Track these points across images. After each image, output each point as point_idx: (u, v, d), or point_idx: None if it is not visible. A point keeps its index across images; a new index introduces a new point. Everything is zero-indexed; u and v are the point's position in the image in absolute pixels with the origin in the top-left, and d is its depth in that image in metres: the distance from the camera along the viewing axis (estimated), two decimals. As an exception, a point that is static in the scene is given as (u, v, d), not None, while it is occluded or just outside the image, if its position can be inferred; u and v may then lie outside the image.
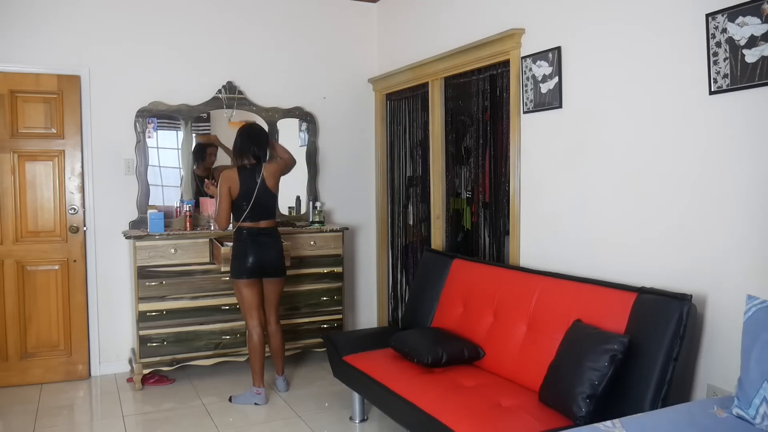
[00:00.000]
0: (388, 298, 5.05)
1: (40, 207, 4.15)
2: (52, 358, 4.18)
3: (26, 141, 4.11)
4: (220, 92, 4.56)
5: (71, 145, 4.19)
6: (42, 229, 4.16)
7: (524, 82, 3.39)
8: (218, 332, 4.17)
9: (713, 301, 2.46)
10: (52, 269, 4.18)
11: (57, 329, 4.19)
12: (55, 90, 4.14)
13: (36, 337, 4.15)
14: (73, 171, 4.21)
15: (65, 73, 4.15)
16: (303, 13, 4.84)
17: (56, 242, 4.18)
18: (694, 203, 2.53)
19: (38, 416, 3.60)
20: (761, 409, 1.87)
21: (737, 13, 2.29)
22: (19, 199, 4.10)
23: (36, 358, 4.15)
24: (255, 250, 3.65)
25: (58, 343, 4.19)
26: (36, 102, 4.11)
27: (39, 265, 4.15)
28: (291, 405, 3.72)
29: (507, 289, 3.13)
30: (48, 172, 4.16)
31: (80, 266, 4.22)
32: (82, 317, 4.23)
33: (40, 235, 4.16)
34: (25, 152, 4.11)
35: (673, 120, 2.60)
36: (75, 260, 4.20)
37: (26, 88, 4.09)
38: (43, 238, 4.16)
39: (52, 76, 4.12)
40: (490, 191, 3.82)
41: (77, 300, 4.21)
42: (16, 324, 4.10)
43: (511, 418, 2.42)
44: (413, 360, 3.03)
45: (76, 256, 4.21)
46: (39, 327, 4.15)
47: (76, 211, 4.21)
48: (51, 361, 4.18)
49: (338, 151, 4.99)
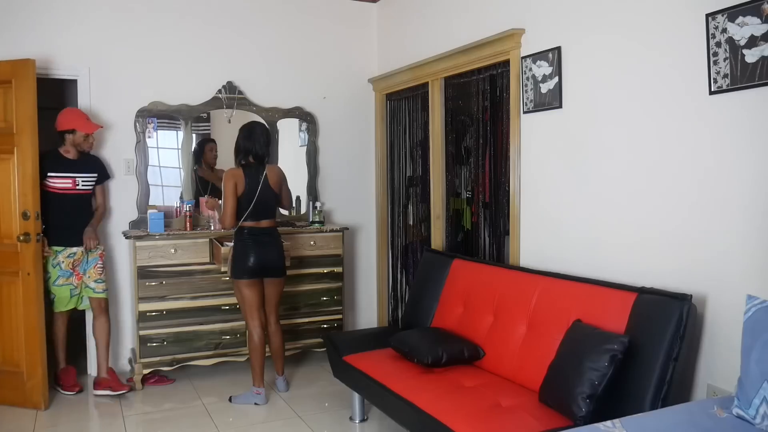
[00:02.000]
0: (388, 298, 5.05)
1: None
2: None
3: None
4: (220, 92, 4.56)
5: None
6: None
7: (524, 82, 3.39)
8: (218, 332, 4.17)
9: (713, 301, 2.46)
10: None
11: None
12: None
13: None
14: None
15: (66, 73, 4.14)
16: (303, 13, 4.84)
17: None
18: (694, 203, 2.53)
19: (38, 416, 3.60)
20: (761, 409, 1.87)
21: (737, 13, 2.29)
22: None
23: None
24: (256, 250, 3.64)
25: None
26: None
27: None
28: (291, 405, 3.72)
29: (507, 289, 3.13)
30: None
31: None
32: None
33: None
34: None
35: (673, 120, 2.60)
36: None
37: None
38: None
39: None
40: (490, 191, 3.82)
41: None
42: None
43: (511, 418, 2.42)
44: (413, 360, 3.03)
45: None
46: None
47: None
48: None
49: (338, 151, 4.99)
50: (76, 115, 3.93)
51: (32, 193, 3.57)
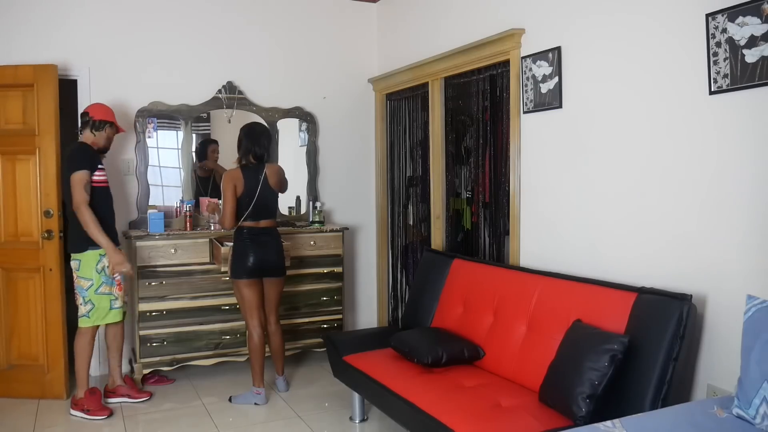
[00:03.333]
0: (388, 298, 5.05)
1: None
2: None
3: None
4: (220, 92, 4.56)
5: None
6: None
7: (524, 82, 3.39)
8: (218, 332, 4.17)
9: (713, 301, 2.46)
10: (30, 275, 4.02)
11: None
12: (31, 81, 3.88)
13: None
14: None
15: (66, 74, 4.14)
16: (303, 13, 4.84)
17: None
18: (694, 203, 2.53)
19: (38, 416, 3.60)
20: (761, 409, 1.87)
21: (737, 13, 2.29)
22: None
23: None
24: (256, 250, 3.64)
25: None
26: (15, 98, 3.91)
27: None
28: (291, 405, 3.72)
29: (507, 289, 3.13)
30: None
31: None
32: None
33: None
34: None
35: (673, 120, 2.60)
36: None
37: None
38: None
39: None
40: (490, 191, 3.82)
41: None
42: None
43: (511, 418, 2.42)
44: (413, 360, 3.03)
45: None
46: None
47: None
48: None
49: (338, 151, 4.99)
50: (111, 110, 3.72)
51: (54, 192, 3.75)
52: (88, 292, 3.52)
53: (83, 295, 3.53)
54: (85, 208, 3.41)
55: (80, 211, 3.41)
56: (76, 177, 3.42)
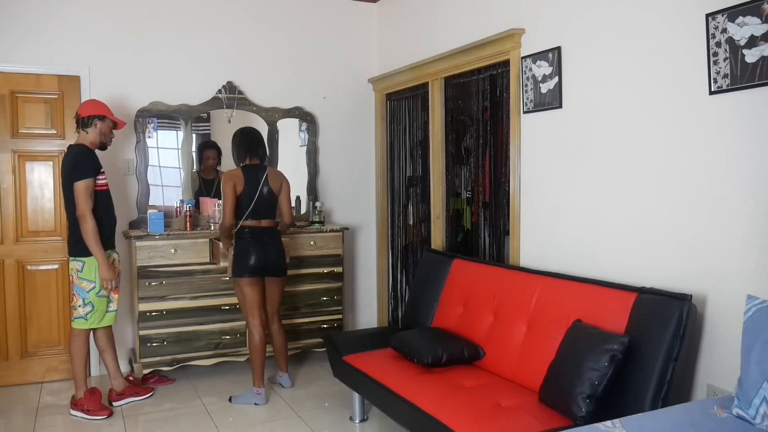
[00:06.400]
0: (388, 298, 5.05)
1: (40, 207, 4.17)
2: (53, 357, 4.19)
3: (27, 141, 4.12)
4: (220, 92, 4.56)
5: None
6: (42, 228, 4.17)
7: (524, 82, 3.39)
8: (218, 332, 4.17)
9: (713, 301, 2.46)
10: (52, 269, 4.19)
11: (57, 328, 4.19)
12: (55, 90, 4.15)
13: (36, 336, 4.16)
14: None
15: (65, 74, 4.15)
16: (303, 13, 4.84)
17: (56, 242, 4.18)
18: (693, 203, 2.53)
19: (38, 415, 3.60)
20: (761, 409, 1.88)
21: (737, 13, 2.29)
22: (20, 199, 4.12)
23: (36, 357, 4.16)
24: (257, 249, 3.65)
25: (59, 342, 4.20)
26: (36, 102, 4.12)
27: (39, 264, 4.16)
28: (291, 405, 3.72)
29: (507, 289, 3.13)
30: (48, 172, 4.17)
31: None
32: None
33: (41, 234, 4.17)
34: (25, 152, 4.11)
35: (673, 120, 2.60)
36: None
37: (26, 88, 4.10)
38: (44, 238, 4.17)
39: (52, 76, 4.14)
40: (490, 191, 3.82)
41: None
42: (17, 323, 4.11)
43: (511, 418, 2.42)
44: (413, 360, 3.03)
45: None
46: (39, 326, 4.16)
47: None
48: (51, 360, 4.19)
49: (338, 151, 4.99)
50: (102, 104, 3.65)
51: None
52: (89, 294, 3.52)
53: (83, 297, 3.52)
54: (90, 218, 3.42)
55: (84, 220, 3.42)
56: (80, 186, 3.42)
